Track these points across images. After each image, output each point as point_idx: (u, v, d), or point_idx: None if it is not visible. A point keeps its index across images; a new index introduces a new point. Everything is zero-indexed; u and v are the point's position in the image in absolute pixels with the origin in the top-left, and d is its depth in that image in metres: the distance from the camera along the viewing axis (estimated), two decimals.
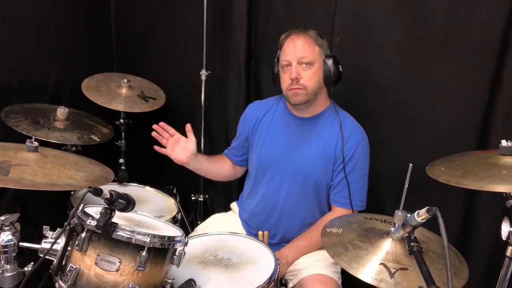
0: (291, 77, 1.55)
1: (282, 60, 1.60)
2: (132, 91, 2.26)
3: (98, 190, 1.04)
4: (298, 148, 1.66)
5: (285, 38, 1.62)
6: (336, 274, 1.57)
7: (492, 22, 1.61)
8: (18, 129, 1.77)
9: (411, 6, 1.75)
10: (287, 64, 1.58)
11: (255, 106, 1.84)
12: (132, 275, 1.08)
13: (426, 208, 1.02)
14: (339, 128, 1.61)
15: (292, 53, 1.57)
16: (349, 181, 1.60)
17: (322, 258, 1.60)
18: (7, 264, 1.20)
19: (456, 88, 1.72)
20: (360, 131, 1.66)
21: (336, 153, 1.61)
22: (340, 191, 1.63)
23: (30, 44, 2.11)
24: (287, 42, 1.60)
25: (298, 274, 1.57)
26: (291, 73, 1.55)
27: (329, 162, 1.62)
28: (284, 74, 1.61)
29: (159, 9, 2.48)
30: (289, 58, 1.57)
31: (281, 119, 1.73)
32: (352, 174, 1.61)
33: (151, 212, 1.47)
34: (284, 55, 1.60)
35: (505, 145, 1.28)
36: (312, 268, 1.56)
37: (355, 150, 1.60)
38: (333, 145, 1.62)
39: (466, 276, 1.20)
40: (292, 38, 1.59)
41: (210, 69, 2.29)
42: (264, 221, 1.73)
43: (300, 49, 1.56)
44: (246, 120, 1.81)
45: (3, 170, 1.28)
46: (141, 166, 2.59)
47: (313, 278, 1.52)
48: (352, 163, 1.61)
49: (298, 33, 1.59)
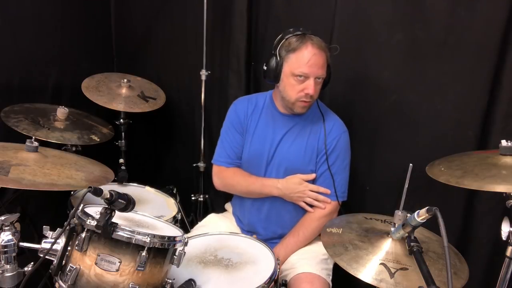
0: (307, 92, 1.56)
1: (301, 71, 1.54)
2: (132, 91, 2.26)
3: (98, 190, 1.04)
4: (284, 143, 1.70)
5: (300, 44, 1.55)
6: (325, 271, 1.58)
7: (492, 22, 1.61)
8: (18, 129, 1.77)
9: (411, 6, 1.75)
10: (303, 75, 1.55)
11: (242, 102, 1.80)
12: (132, 275, 1.08)
13: (426, 208, 1.02)
14: (322, 122, 1.69)
15: (312, 69, 1.54)
16: (332, 172, 1.66)
17: (311, 256, 1.62)
18: (7, 264, 1.21)
19: (456, 88, 1.72)
20: (341, 125, 1.72)
21: (319, 146, 1.68)
22: (322, 182, 1.68)
23: (30, 44, 2.11)
24: (309, 53, 1.53)
25: (290, 273, 1.58)
26: (309, 88, 1.55)
27: (312, 154, 1.68)
28: (295, 83, 1.57)
29: (159, 9, 2.48)
30: (309, 72, 1.54)
31: (269, 116, 1.74)
32: (335, 165, 1.67)
33: (151, 212, 1.46)
34: (302, 66, 1.54)
35: (505, 145, 1.28)
36: (299, 267, 1.57)
37: (337, 142, 1.67)
38: (316, 139, 1.68)
39: (466, 276, 1.20)
40: (314, 51, 1.54)
41: (210, 69, 2.29)
42: (255, 216, 1.76)
43: (321, 67, 1.56)
44: (238, 113, 1.77)
45: (3, 170, 1.28)
46: (141, 166, 2.59)
47: (300, 278, 1.53)
48: (334, 154, 1.67)
49: (318, 45, 1.55)
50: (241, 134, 1.77)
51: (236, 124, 1.77)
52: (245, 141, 1.76)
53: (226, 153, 1.78)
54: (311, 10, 1.99)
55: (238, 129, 1.77)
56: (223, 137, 1.80)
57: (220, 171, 1.80)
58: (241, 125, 1.76)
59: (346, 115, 1.82)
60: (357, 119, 1.90)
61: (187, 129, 2.53)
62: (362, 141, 1.89)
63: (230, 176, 1.78)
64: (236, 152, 1.78)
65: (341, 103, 1.90)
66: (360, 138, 1.86)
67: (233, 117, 1.78)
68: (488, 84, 1.66)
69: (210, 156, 2.42)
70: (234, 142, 1.77)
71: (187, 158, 2.52)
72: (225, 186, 1.81)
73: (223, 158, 1.79)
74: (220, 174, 1.80)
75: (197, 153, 2.43)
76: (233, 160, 1.78)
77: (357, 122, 1.89)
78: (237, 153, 1.78)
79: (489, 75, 1.65)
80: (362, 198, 1.96)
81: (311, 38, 1.56)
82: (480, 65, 1.66)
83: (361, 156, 1.87)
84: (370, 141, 1.92)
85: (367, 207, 1.94)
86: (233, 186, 1.79)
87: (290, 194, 1.66)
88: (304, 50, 1.54)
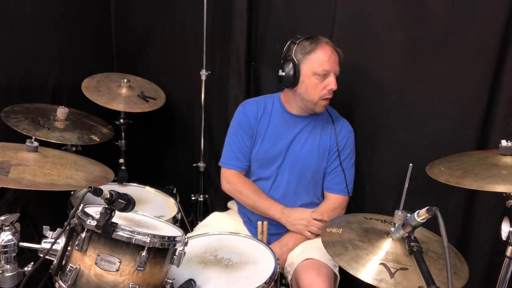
0: (331, 88, 1.62)
1: (324, 68, 1.60)
2: (132, 91, 2.26)
3: (98, 190, 1.04)
4: (296, 143, 1.74)
5: (316, 45, 1.61)
6: (331, 261, 1.59)
7: (492, 22, 1.61)
8: (18, 129, 1.77)
9: (411, 6, 1.75)
10: (325, 73, 1.61)
11: (251, 104, 1.80)
12: (132, 275, 1.08)
13: (426, 208, 1.03)
14: (331, 122, 1.75)
15: (332, 65, 1.62)
16: (344, 168, 1.73)
17: (318, 246, 1.61)
18: (7, 264, 1.20)
19: (456, 88, 1.72)
20: (348, 125, 1.81)
21: (331, 144, 1.75)
22: (334, 178, 1.75)
23: (30, 44, 2.11)
24: (323, 51, 1.61)
25: (295, 262, 1.60)
26: (332, 84, 1.61)
27: (325, 152, 1.75)
28: (318, 82, 1.62)
29: (159, 9, 2.48)
30: (330, 69, 1.61)
31: (279, 118, 1.77)
32: (345, 162, 1.75)
33: (151, 212, 1.46)
34: (323, 64, 1.60)
35: (505, 145, 1.28)
36: (307, 254, 1.60)
37: (347, 141, 1.76)
38: (328, 137, 1.75)
39: (466, 276, 1.20)
40: (331, 49, 1.62)
41: (210, 69, 2.29)
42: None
43: (338, 63, 1.65)
44: (248, 115, 1.76)
45: (3, 170, 1.28)
46: (141, 166, 2.60)
47: (307, 264, 1.56)
48: (345, 152, 1.75)
49: (331, 45, 1.64)
50: (250, 136, 1.77)
51: (245, 126, 1.76)
52: (255, 143, 1.77)
53: (235, 155, 1.77)
54: (311, 10, 1.99)
55: (248, 131, 1.76)
56: (231, 139, 1.79)
57: (230, 176, 1.80)
58: (250, 127, 1.76)
59: (346, 115, 1.82)
60: (357, 119, 1.90)
61: (187, 129, 2.53)
62: (362, 141, 1.89)
63: (240, 185, 1.78)
64: (245, 154, 1.77)
65: (341, 103, 1.90)
66: (360, 138, 1.86)
67: (242, 118, 1.78)
68: (488, 84, 1.65)
69: (210, 156, 2.44)
70: (243, 144, 1.77)
71: (187, 158, 2.52)
72: (233, 192, 1.81)
73: (233, 161, 1.78)
74: (230, 179, 1.80)
75: (197, 153, 2.43)
76: (242, 163, 1.78)
77: (357, 122, 1.88)
78: (246, 155, 1.78)
79: (489, 75, 1.65)
80: (362, 198, 1.96)
81: (324, 39, 1.64)
82: (480, 65, 1.66)
83: (361, 156, 1.87)
84: (370, 141, 1.92)
85: (367, 207, 1.95)
86: (241, 195, 1.78)
87: (294, 221, 1.70)
88: (323, 49, 1.61)
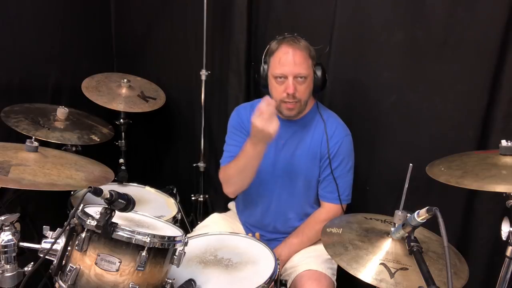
0: (287, 92, 1.55)
1: (276, 72, 1.57)
2: (132, 91, 2.26)
3: (98, 190, 1.04)
4: (287, 149, 1.70)
5: (277, 46, 1.58)
6: (330, 270, 1.58)
7: (492, 22, 1.61)
8: (18, 129, 1.77)
9: (411, 6, 1.75)
10: (281, 76, 1.56)
11: (245, 108, 1.80)
12: (132, 275, 1.08)
13: (426, 208, 1.02)
14: (324, 126, 1.66)
15: (289, 68, 1.54)
16: (335, 176, 1.65)
17: (316, 254, 1.62)
18: (7, 264, 1.21)
19: (456, 88, 1.72)
20: (343, 128, 1.71)
21: (322, 151, 1.67)
22: (326, 186, 1.68)
23: (30, 44, 2.10)
24: (282, 52, 1.56)
25: (293, 272, 1.58)
26: (288, 88, 1.54)
27: (315, 159, 1.68)
28: (277, 85, 1.58)
29: (159, 9, 2.48)
30: (286, 72, 1.55)
31: None
32: (338, 169, 1.66)
33: (151, 212, 1.46)
34: (279, 67, 1.56)
35: (505, 145, 1.28)
36: (305, 264, 1.58)
37: (340, 146, 1.66)
38: (319, 143, 1.67)
39: (466, 276, 1.20)
40: (287, 50, 1.55)
41: (210, 69, 2.29)
42: (260, 221, 1.77)
43: (298, 64, 1.55)
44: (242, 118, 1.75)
45: (3, 170, 1.28)
46: (141, 166, 2.60)
47: (307, 275, 1.54)
48: (337, 159, 1.66)
49: (292, 44, 1.56)
50: (245, 136, 1.73)
51: (239, 127, 1.77)
52: None
53: (231, 154, 1.75)
54: (311, 10, 1.99)
55: (242, 131, 1.76)
56: (228, 141, 1.79)
57: (221, 170, 1.76)
58: (244, 128, 1.76)
59: (346, 115, 1.82)
60: (357, 119, 1.90)
61: (187, 129, 2.53)
62: (362, 141, 1.88)
63: (225, 168, 1.72)
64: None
65: (341, 103, 1.90)
66: (360, 138, 1.86)
67: (236, 121, 1.78)
68: (488, 84, 1.66)
69: (210, 156, 2.44)
70: (238, 143, 1.75)
71: (187, 158, 2.52)
72: (227, 180, 1.71)
73: (228, 158, 1.75)
74: (221, 174, 1.77)
75: (197, 153, 2.43)
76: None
77: (357, 122, 1.88)
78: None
79: (489, 75, 1.65)
80: (362, 198, 1.96)
81: (288, 40, 1.57)
82: (480, 65, 1.66)
83: (361, 156, 1.87)
84: (370, 141, 1.92)
85: (367, 207, 1.94)
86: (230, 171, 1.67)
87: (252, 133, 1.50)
88: (281, 51, 1.57)
